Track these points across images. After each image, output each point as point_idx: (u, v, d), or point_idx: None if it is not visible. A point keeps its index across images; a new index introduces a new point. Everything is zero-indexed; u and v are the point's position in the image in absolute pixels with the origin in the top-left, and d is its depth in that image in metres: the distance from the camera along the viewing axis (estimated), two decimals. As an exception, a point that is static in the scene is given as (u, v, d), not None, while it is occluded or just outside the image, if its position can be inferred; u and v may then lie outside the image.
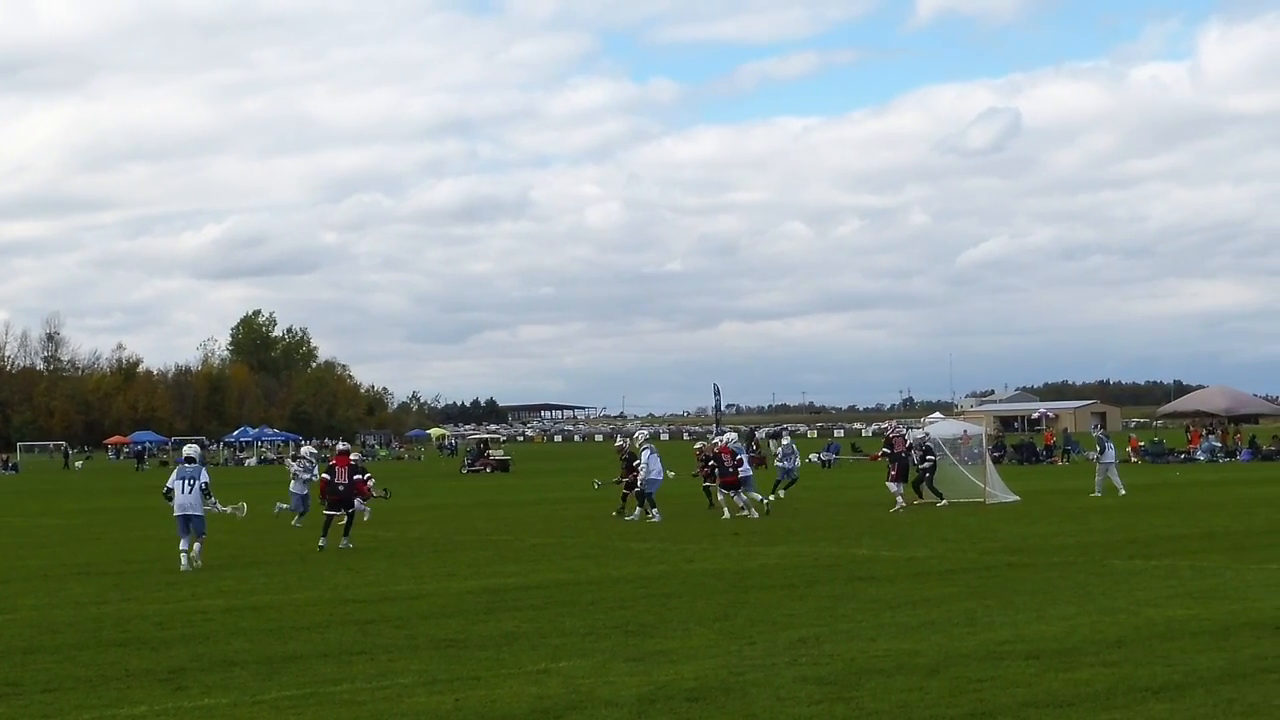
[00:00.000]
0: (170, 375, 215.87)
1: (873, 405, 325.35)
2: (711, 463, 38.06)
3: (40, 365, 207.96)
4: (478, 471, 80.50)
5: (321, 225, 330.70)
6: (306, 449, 42.86)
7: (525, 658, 15.64)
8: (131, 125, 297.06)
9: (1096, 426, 73.38)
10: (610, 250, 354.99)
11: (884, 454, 41.39)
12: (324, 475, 31.75)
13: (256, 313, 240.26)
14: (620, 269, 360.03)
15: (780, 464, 44.94)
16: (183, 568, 26.06)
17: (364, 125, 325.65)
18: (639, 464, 37.41)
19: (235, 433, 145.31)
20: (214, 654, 16.37)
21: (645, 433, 45.67)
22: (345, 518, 30.71)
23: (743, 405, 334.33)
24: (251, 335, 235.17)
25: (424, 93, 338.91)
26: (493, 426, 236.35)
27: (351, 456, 32.34)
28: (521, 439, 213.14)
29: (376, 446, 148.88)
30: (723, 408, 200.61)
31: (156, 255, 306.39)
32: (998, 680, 13.64)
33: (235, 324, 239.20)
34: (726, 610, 19.08)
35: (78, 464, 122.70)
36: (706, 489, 39.52)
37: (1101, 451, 44.04)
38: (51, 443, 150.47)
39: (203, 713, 13.23)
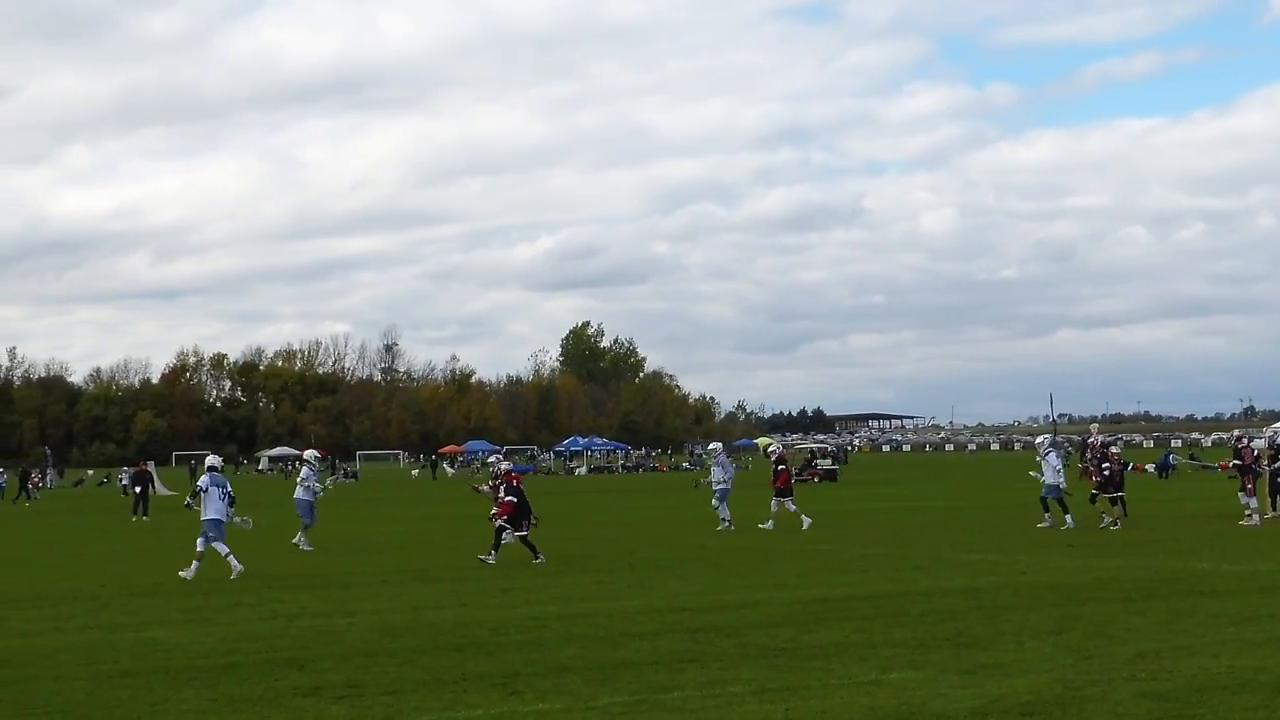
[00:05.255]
0: (502, 386, 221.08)
1: (1212, 414, 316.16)
2: (1106, 467, 37.47)
3: (378, 376, 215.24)
4: (805, 481, 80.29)
5: (653, 236, 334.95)
6: (311, 453, 38.60)
7: (856, 668, 15.52)
8: (469, 140, 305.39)
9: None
10: (943, 257, 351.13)
11: (1234, 465, 40.08)
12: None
13: (585, 324, 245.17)
14: (953, 276, 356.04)
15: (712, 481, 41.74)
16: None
17: (697, 135, 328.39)
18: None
19: (565, 442, 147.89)
20: (547, 660, 16.60)
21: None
22: None
23: (1076, 414, 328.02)
24: (580, 346, 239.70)
25: (758, 101, 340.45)
26: (820, 436, 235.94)
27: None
28: (851, 449, 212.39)
29: (704, 456, 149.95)
30: (1055, 416, 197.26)
31: (491, 267, 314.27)
32: (1350, 700, 13.10)
33: (565, 335, 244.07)
34: (1061, 624, 18.68)
35: (413, 473, 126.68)
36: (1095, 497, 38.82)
37: None
38: (381, 452, 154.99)
39: (537, 717, 13.43)
